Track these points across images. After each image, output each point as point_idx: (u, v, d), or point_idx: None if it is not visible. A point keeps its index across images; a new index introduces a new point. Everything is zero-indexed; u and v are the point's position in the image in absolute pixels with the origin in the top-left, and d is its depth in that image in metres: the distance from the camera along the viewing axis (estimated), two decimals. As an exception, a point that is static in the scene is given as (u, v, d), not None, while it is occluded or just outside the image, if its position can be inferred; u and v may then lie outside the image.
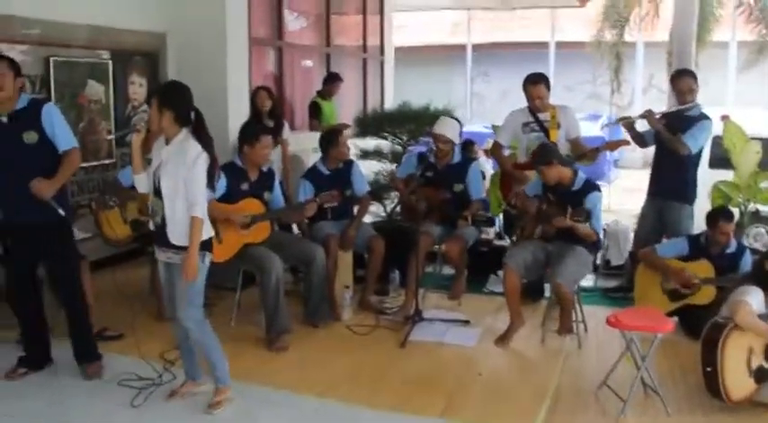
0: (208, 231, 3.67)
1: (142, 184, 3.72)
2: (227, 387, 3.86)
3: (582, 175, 4.77)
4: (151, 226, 3.74)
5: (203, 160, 3.57)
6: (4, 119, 3.97)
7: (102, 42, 6.35)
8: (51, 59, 5.82)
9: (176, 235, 3.58)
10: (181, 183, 3.53)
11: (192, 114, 3.62)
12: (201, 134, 3.63)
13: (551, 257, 4.72)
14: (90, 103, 6.25)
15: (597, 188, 4.77)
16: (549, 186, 4.79)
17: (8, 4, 5.41)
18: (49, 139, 4.01)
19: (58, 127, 4.03)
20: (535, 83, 5.37)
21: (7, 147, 3.95)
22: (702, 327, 4.06)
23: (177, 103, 3.59)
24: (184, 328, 3.77)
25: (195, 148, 3.56)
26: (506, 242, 6.58)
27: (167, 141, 3.61)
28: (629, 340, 3.86)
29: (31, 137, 3.96)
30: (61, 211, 3.98)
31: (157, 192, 3.61)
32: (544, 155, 4.72)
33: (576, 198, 4.64)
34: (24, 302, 4.23)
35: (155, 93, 3.67)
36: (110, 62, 6.45)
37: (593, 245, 4.78)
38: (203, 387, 3.97)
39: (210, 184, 3.64)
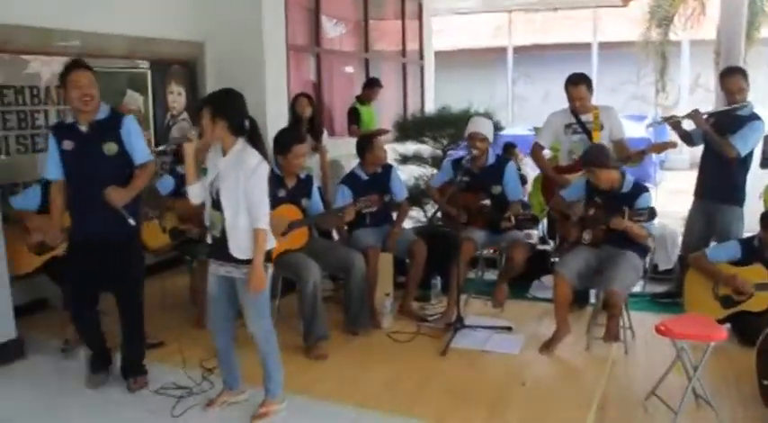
0: (271, 242, 3.59)
1: (195, 193, 3.61)
2: (276, 401, 3.79)
3: (630, 178, 4.63)
4: (209, 239, 3.66)
5: (264, 169, 3.49)
6: (84, 128, 3.97)
7: (140, 52, 6.40)
8: (91, 70, 5.86)
9: (239, 248, 3.50)
10: (242, 194, 3.46)
11: (247, 123, 3.54)
12: (258, 143, 3.56)
13: (602, 263, 4.58)
14: (129, 112, 6.27)
15: (646, 189, 4.63)
16: (595, 189, 4.65)
17: (48, 18, 5.48)
18: (127, 151, 4.02)
19: (136, 140, 4.05)
20: (576, 84, 5.24)
21: (86, 157, 3.96)
22: (757, 334, 3.90)
23: (231, 113, 3.49)
24: (226, 339, 3.78)
25: (255, 157, 3.49)
26: (550, 247, 6.44)
27: (224, 152, 3.53)
28: (680, 349, 3.69)
29: (110, 148, 3.97)
30: (131, 221, 3.99)
31: (215, 204, 3.54)
32: (600, 156, 4.55)
33: (626, 201, 4.50)
34: (85, 314, 4.19)
35: (207, 102, 3.54)
36: (148, 72, 6.51)
37: (643, 250, 4.63)
38: (241, 396, 3.94)
39: (271, 193, 3.58)
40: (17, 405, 4.04)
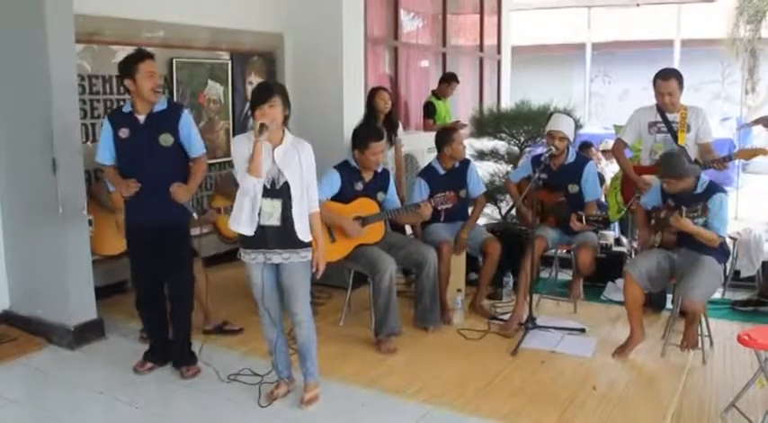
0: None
1: (254, 187, 3.52)
2: (317, 382, 3.90)
3: (705, 178, 4.42)
4: (248, 231, 3.59)
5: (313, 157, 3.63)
6: (141, 118, 4.03)
7: (221, 43, 6.51)
8: (174, 61, 6.02)
9: (303, 231, 3.61)
10: (302, 181, 3.57)
11: None
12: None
13: (678, 268, 4.44)
14: (209, 102, 6.43)
15: (721, 190, 4.41)
16: (668, 192, 4.50)
17: (135, 9, 5.62)
18: (181, 143, 4.09)
19: (193, 133, 4.12)
20: (666, 78, 5.02)
21: (141, 147, 4.02)
22: None
23: (289, 104, 3.62)
24: (281, 328, 3.84)
25: (310, 147, 3.61)
26: (625, 248, 6.29)
27: (275, 142, 3.57)
28: (764, 361, 3.55)
29: (166, 139, 4.03)
30: (195, 215, 4.11)
31: (269, 192, 3.57)
32: (675, 168, 4.33)
33: (699, 201, 4.29)
34: (148, 300, 4.29)
35: (275, 92, 3.54)
36: (229, 62, 6.62)
37: (722, 253, 4.45)
38: (292, 385, 4.01)
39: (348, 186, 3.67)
40: (96, 383, 4.17)
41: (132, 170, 4.07)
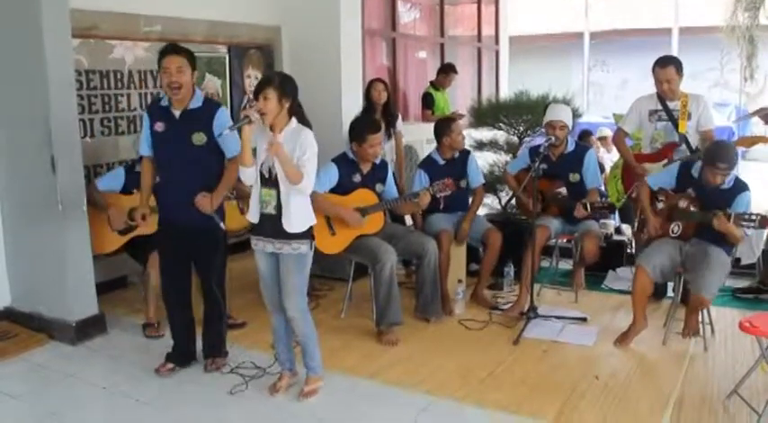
0: (312, 219, 3.68)
1: (251, 175, 3.63)
2: (318, 376, 3.90)
3: (733, 173, 4.34)
4: (254, 218, 3.67)
5: (316, 147, 3.60)
6: (177, 114, 3.96)
7: (219, 37, 6.49)
8: (172, 54, 5.98)
9: (292, 223, 3.58)
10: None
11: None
12: (306, 122, 3.66)
13: (688, 260, 4.41)
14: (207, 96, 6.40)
15: (747, 187, 4.33)
16: (690, 181, 4.45)
17: (133, 3, 5.60)
18: (215, 143, 3.98)
19: (231, 132, 3.83)
20: (664, 66, 4.99)
21: (174, 143, 3.96)
22: None
23: (294, 94, 3.60)
24: (285, 319, 3.80)
25: (310, 135, 3.59)
26: (625, 237, 6.29)
27: (276, 132, 3.57)
28: (766, 348, 3.55)
29: (199, 138, 3.94)
30: (222, 226, 4.05)
31: (267, 182, 3.60)
32: (728, 158, 4.19)
33: (724, 198, 4.26)
34: (172, 297, 4.20)
35: (271, 84, 3.54)
36: (227, 56, 6.60)
37: (731, 244, 4.41)
38: (295, 378, 3.99)
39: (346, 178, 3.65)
40: (98, 378, 4.17)
41: (165, 165, 4.04)
